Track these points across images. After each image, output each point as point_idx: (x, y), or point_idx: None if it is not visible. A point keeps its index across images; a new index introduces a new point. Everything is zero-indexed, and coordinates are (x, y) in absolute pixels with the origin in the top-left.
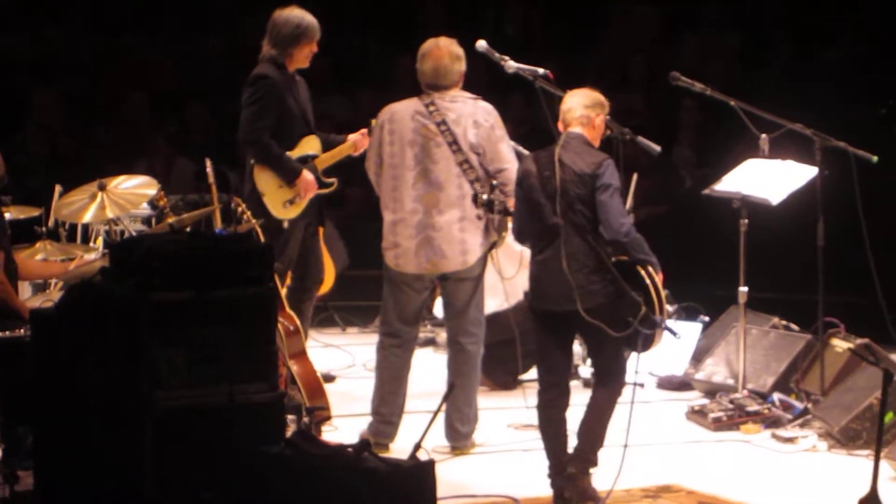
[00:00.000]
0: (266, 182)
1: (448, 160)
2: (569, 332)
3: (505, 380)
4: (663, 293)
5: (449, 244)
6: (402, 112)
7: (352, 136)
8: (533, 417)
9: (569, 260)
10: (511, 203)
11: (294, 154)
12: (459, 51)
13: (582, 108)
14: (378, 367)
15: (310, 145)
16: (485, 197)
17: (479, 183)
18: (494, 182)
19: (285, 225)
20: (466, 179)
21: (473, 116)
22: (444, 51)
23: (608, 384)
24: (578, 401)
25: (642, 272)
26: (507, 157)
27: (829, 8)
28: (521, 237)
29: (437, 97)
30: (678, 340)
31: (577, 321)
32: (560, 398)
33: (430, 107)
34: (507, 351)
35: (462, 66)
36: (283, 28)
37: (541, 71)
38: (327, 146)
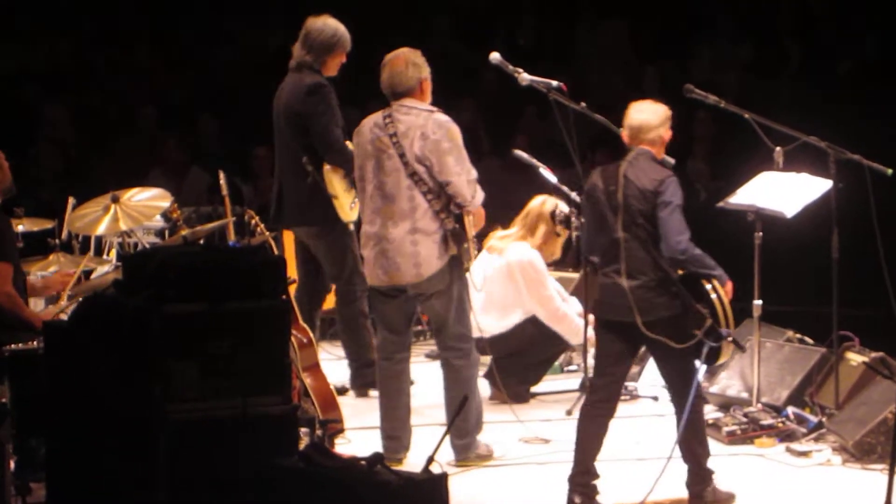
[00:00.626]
0: (337, 185)
1: (399, 172)
2: (629, 344)
3: (517, 391)
4: (728, 306)
5: (402, 256)
6: (364, 126)
7: None
8: (545, 430)
9: (630, 273)
10: (468, 215)
11: None
12: (419, 60)
13: (654, 130)
14: (377, 384)
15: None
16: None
17: (431, 195)
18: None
19: (351, 227)
20: (419, 191)
21: (423, 128)
22: (401, 58)
23: (682, 400)
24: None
25: (707, 285)
26: (453, 169)
27: (843, 19)
28: (589, 249)
29: (396, 109)
30: (743, 353)
31: (639, 334)
32: (606, 403)
33: (387, 119)
34: (519, 363)
35: (420, 74)
36: (319, 36)
37: (554, 83)
38: None
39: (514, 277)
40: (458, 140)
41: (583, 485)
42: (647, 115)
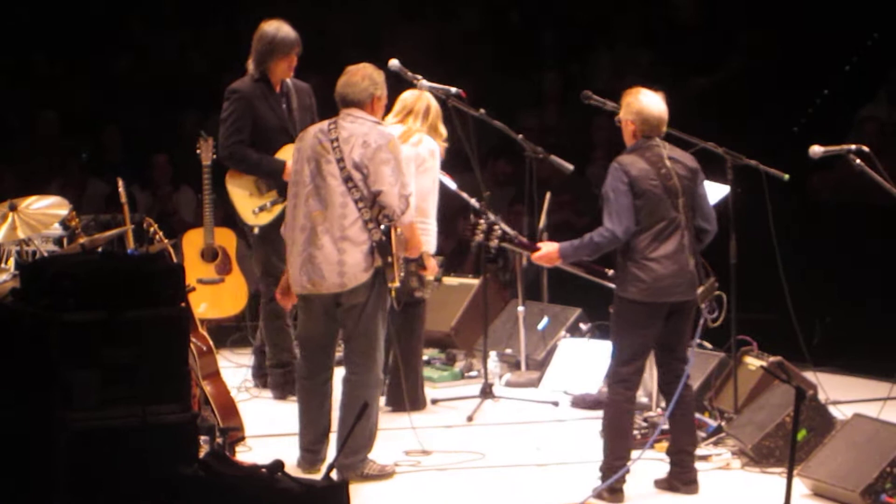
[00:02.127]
0: (235, 190)
1: (335, 177)
2: (664, 322)
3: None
4: None
5: (328, 265)
6: (310, 131)
7: None
8: (446, 437)
9: (690, 251)
10: (395, 230)
11: None
12: (378, 77)
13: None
14: (297, 396)
15: (285, 155)
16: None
17: (362, 203)
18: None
19: (255, 231)
20: (351, 199)
21: (365, 136)
22: (360, 71)
23: (685, 371)
24: None
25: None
26: (387, 180)
27: (734, 22)
28: (628, 234)
29: (342, 117)
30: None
31: (686, 309)
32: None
33: (332, 125)
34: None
35: (375, 89)
36: (258, 43)
37: (454, 90)
38: None
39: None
40: (398, 154)
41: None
42: (664, 107)
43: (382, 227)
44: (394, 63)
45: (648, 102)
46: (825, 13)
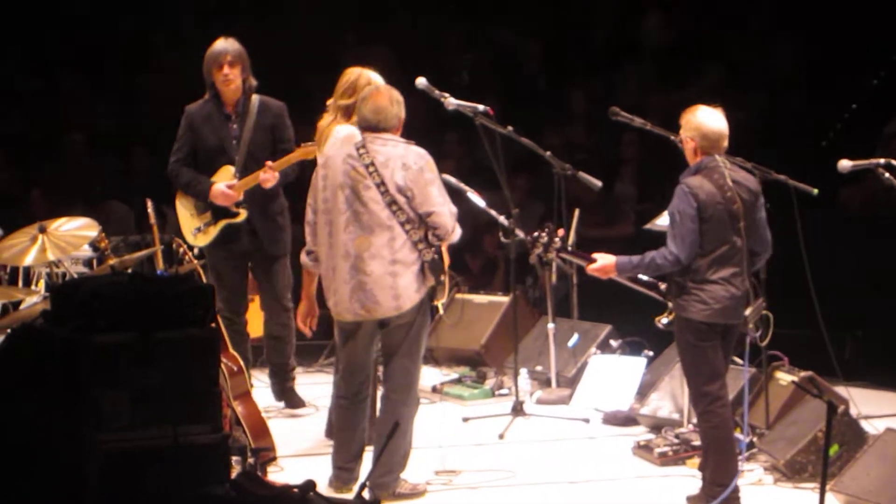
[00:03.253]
0: (180, 210)
1: (377, 202)
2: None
3: None
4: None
5: (381, 289)
6: (335, 157)
7: (261, 172)
8: (477, 455)
9: (746, 275)
10: (444, 246)
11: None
12: (399, 96)
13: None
14: (334, 415)
15: (221, 175)
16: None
17: (409, 225)
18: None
19: (195, 251)
20: (397, 221)
21: (403, 159)
22: (384, 94)
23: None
24: None
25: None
26: (436, 200)
27: (761, 39)
28: (691, 259)
29: (370, 140)
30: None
31: (733, 331)
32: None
33: (361, 149)
34: None
35: (401, 112)
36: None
37: (481, 107)
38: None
39: None
40: (437, 172)
41: None
42: (725, 123)
43: (433, 246)
44: (421, 81)
45: (708, 119)
46: (853, 28)
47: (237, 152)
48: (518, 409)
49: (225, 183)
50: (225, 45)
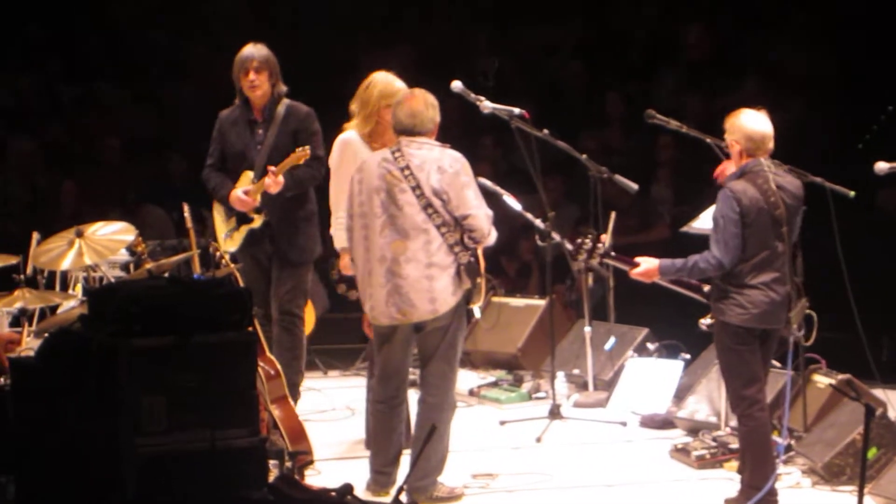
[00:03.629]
0: (215, 215)
1: (413, 206)
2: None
3: None
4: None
5: (417, 293)
6: (371, 161)
7: (266, 178)
8: (515, 458)
9: (788, 279)
10: (480, 249)
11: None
12: (434, 101)
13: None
14: (371, 419)
15: (241, 182)
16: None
17: (445, 228)
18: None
19: (226, 257)
20: (433, 224)
21: (438, 162)
22: (419, 98)
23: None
24: None
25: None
26: (473, 203)
27: (801, 42)
28: (734, 263)
29: (405, 144)
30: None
31: (774, 335)
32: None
33: (396, 153)
34: None
35: (437, 116)
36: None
37: (517, 111)
38: None
39: None
40: (472, 175)
41: None
42: (769, 125)
43: (469, 248)
44: (456, 84)
45: (752, 121)
46: (889, 29)
47: (255, 157)
48: (555, 413)
49: (242, 188)
50: (252, 50)
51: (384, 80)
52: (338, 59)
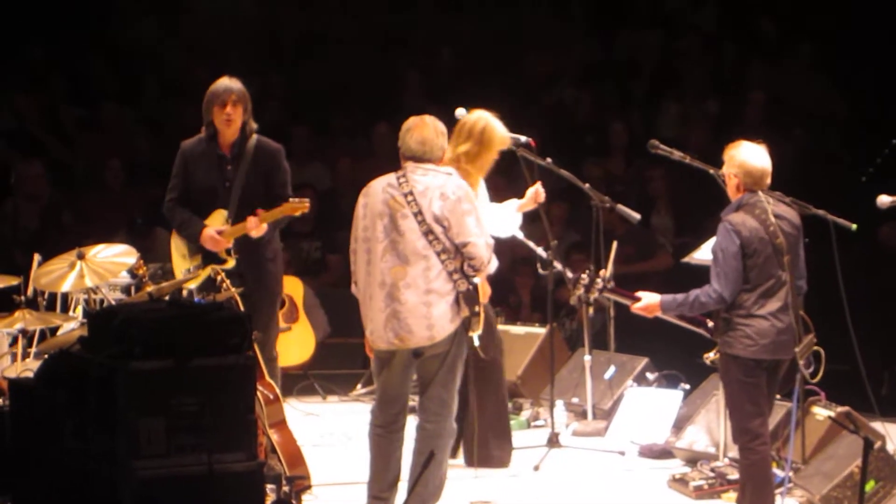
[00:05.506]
0: (174, 251)
1: (414, 231)
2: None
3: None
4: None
5: (415, 318)
6: (376, 186)
7: (250, 218)
8: (513, 485)
9: (794, 309)
10: (481, 277)
11: None
12: (443, 128)
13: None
14: (369, 444)
15: (214, 220)
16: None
17: (445, 255)
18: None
19: (184, 293)
20: (433, 251)
21: (441, 189)
22: (430, 125)
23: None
24: None
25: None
26: (473, 231)
27: (805, 73)
28: (734, 296)
29: (410, 170)
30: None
31: (781, 367)
32: (766, 444)
33: (401, 178)
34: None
35: (445, 143)
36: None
37: (523, 139)
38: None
39: None
40: (475, 203)
41: None
42: (768, 160)
43: (467, 276)
44: (460, 112)
45: (751, 155)
46: (893, 61)
47: (230, 196)
48: (554, 441)
49: (215, 228)
50: (229, 83)
51: (491, 119)
52: (346, 81)
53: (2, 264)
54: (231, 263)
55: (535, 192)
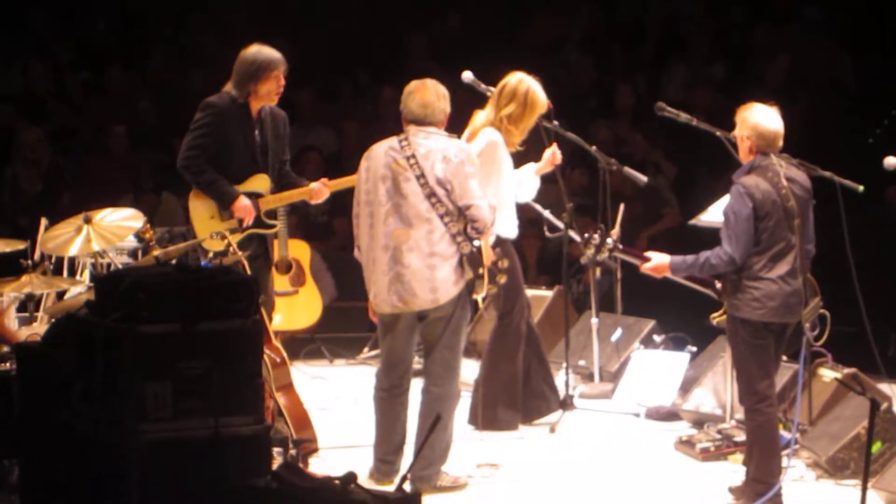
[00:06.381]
0: (197, 210)
1: (417, 195)
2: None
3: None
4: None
5: (418, 281)
6: (378, 149)
7: (313, 184)
8: (532, 448)
9: (801, 272)
10: (483, 240)
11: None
12: (445, 91)
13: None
14: (374, 408)
15: (257, 183)
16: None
17: (448, 217)
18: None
19: (209, 256)
20: (436, 214)
21: (444, 151)
22: (431, 88)
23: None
24: None
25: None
26: (476, 193)
27: (813, 37)
28: (745, 258)
29: (413, 133)
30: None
31: (787, 330)
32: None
33: (403, 142)
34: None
35: (447, 107)
36: (242, 66)
37: None
38: (292, 187)
39: None
40: (477, 166)
41: None
42: (780, 122)
43: (471, 239)
44: (467, 75)
45: (763, 117)
46: None
47: (268, 161)
48: (568, 404)
49: (254, 195)
50: (278, 54)
51: (531, 82)
52: (352, 44)
53: (5, 229)
54: (279, 228)
55: (553, 154)
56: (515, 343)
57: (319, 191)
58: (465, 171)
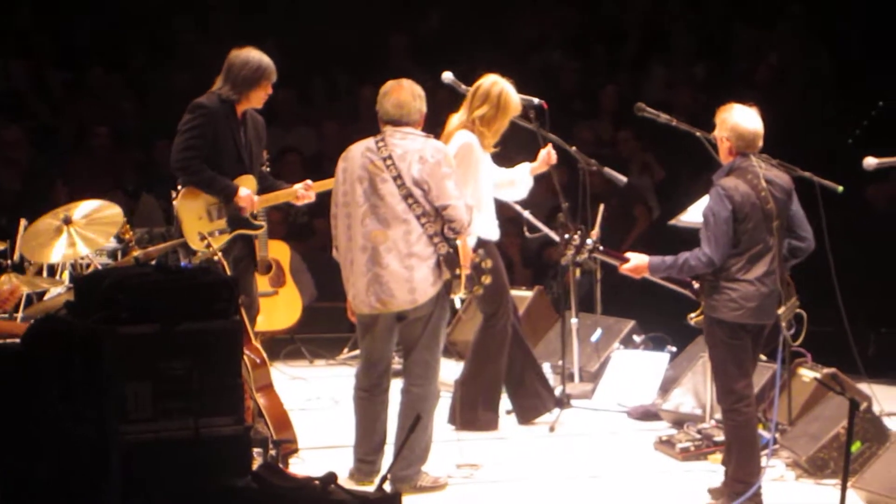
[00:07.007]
0: (187, 210)
1: (394, 196)
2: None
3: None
4: None
5: (396, 282)
6: (355, 150)
7: (297, 186)
8: (526, 447)
9: (778, 273)
10: (461, 240)
11: None
12: (421, 91)
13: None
14: (354, 408)
15: (245, 184)
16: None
17: (425, 218)
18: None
19: (198, 257)
20: (413, 215)
21: (420, 152)
22: (406, 89)
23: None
24: None
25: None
26: (452, 193)
27: (793, 36)
28: (724, 260)
29: (389, 134)
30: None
31: (763, 330)
32: (752, 406)
33: (380, 143)
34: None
35: (423, 107)
36: (241, 70)
37: (535, 101)
38: (270, 189)
39: None
40: (454, 166)
41: None
42: (759, 123)
43: (448, 239)
44: (447, 75)
45: (744, 118)
46: (883, 25)
47: (252, 163)
48: (565, 402)
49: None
50: (271, 63)
51: (505, 85)
52: (332, 44)
53: None
54: (264, 229)
55: (548, 154)
56: (500, 344)
57: (304, 193)
58: (441, 171)
